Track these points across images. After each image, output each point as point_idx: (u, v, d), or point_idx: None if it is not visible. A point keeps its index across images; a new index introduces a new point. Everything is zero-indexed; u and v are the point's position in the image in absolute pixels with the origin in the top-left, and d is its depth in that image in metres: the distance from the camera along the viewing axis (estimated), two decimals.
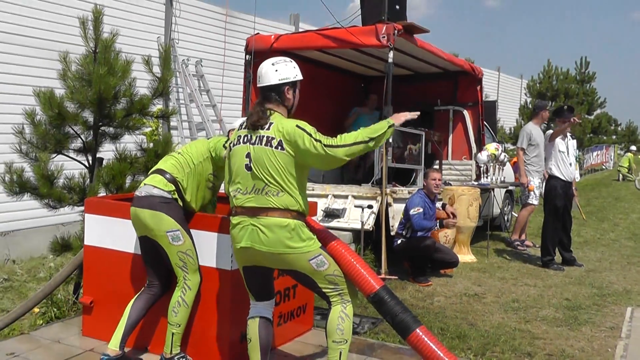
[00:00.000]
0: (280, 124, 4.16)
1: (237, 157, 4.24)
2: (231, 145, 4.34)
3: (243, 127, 4.31)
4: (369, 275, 4.35)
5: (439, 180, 8.63)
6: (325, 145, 4.08)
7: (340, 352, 4.28)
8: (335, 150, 4.08)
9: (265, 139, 4.13)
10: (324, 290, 4.30)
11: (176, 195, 4.76)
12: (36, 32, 9.39)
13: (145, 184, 4.77)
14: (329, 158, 4.10)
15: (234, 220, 4.25)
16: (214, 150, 4.90)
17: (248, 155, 4.18)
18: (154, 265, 4.85)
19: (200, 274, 4.79)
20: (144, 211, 4.66)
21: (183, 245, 4.68)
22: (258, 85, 4.34)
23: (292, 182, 4.14)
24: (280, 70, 4.30)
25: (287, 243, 4.11)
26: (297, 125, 4.12)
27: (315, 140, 4.08)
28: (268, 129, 4.16)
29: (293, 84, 4.35)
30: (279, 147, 4.10)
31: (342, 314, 4.30)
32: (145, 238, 4.78)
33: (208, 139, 5.09)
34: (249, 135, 4.22)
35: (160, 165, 4.91)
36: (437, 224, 8.52)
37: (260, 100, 4.32)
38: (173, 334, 4.71)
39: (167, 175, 4.77)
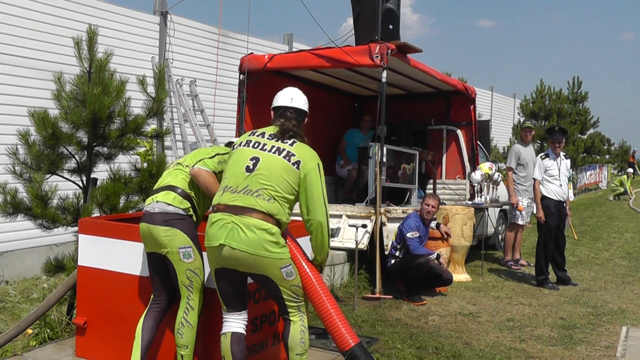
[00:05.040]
0: (304, 149, 4.43)
1: (240, 157, 4.37)
2: (235, 146, 4.50)
3: (257, 134, 4.49)
4: (345, 330, 4.38)
5: (433, 207, 8.58)
6: (324, 197, 4.40)
7: None
8: (324, 208, 4.40)
9: (285, 152, 4.33)
10: (286, 301, 4.41)
11: (191, 212, 4.74)
12: (30, 52, 9.39)
13: (157, 201, 4.70)
14: (314, 201, 4.36)
15: (214, 217, 4.28)
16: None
17: (254, 159, 4.32)
18: (160, 280, 4.79)
19: (204, 295, 4.74)
20: (158, 228, 4.61)
21: (193, 263, 4.64)
22: (289, 105, 4.62)
23: (287, 198, 4.29)
24: (306, 100, 4.74)
25: (265, 246, 4.17)
26: (318, 165, 4.41)
27: (322, 183, 4.40)
28: (291, 145, 4.38)
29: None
30: (295, 165, 4.30)
31: (302, 327, 4.46)
32: (154, 254, 4.74)
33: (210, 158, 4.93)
34: (260, 143, 4.40)
35: (170, 180, 4.83)
36: (435, 255, 8.48)
37: (288, 118, 4.54)
38: (182, 355, 4.66)
39: (180, 191, 4.73)
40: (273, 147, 4.36)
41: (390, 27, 9.16)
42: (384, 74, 8.54)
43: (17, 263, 9.12)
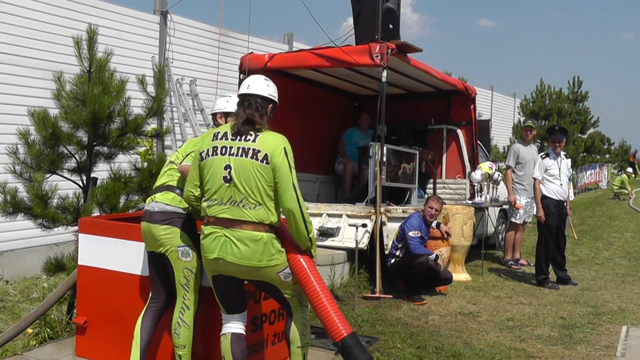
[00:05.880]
0: (268, 138, 4.20)
1: (214, 168, 4.22)
2: (203, 155, 4.30)
3: (220, 136, 4.28)
4: (338, 319, 4.29)
5: (436, 211, 8.62)
6: (293, 182, 4.18)
7: (304, 355, 4.46)
8: (294, 193, 4.16)
9: (251, 151, 4.15)
10: (286, 296, 4.41)
11: (191, 210, 4.72)
12: (30, 51, 9.39)
13: (157, 201, 4.70)
14: (282, 188, 4.16)
15: (206, 230, 4.24)
16: None
17: (227, 167, 4.17)
18: (159, 279, 4.79)
19: (200, 295, 4.73)
20: (157, 226, 4.61)
21: (191, 262, 4.63)
22: (245, 92, 4.36)
23: (270, 196, 4.18)
24: (270, 87, 4.42)
25: (259, 257, 4.14)
26: (284, 149, 4.18)
27: (290, 167, 4.18)
28: (254, 140, 4.18)
29: (275, 106, 4.46)
30: (264, 161, 4.13)
31: (303, 320, 4.47)
32: (154, 252, 4.74)
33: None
34: (227, 147, 4.21)
35: (167, 180, 4.83)
36: (435, 256, 8.47)
37: (245, 106, 4.30)
38: (180, 355, 4.65)
39: (178, 191, 4.72)
40: (239, 148, 4.17)
41: (390, 26, 9.16)
42: (384, 74, 8.54)
43: (17, 262, 9.12)
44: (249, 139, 4.18)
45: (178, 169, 4.76)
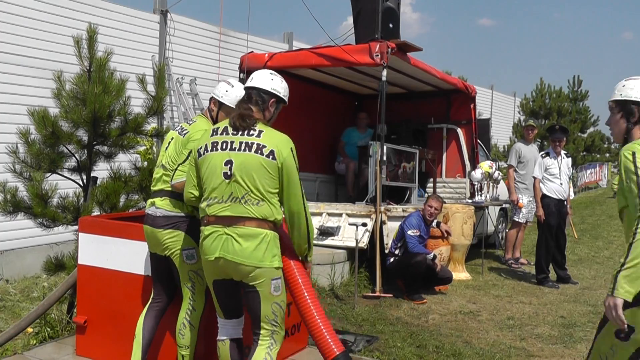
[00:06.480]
0: (274, 135, 4.08)
1: (213, 164, 4.07)
2: (201, 151, 4.17)
3: (218, 132, 4.14)
4: (330, 338, 4.20)
5: (436, 210, 8.62)
6: (300, 184, 4.11)
7: None
8: (301, 196, 4.10)
9: (255, 146, 4.00)
10: (262, 321, 4.10)
11: (195, 213, 4.59)
12: (30, 51, 9.39)
13: (158, 207, 4.63)
14: (291, 190, 4.07)
15: (206, 230, 4.08)
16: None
17: (228, 163, 4.02)
18: (162, 280, 4.77)
19: (207, 297, 4.68)
20: (161, 231, 4.56)
21: (196, 264, 4.55)
22: (246, 85, 4.29)
23: (272, 192, 4.03)
24: (275, 81, 4.28)
25: (261, 256, 3.97)
26: (292, 150, 4.06)
27: (297, 168, 4.09)
28: (258, 136, 4.04)
29: (279, 101, 4.30)
30: (270, 157, 3.97)
31: (267, 355, 4.10)
32: (157, 254, 4.70)
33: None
34: (228, 142, 4.06)
35: (165, 186, 4.69)
36: (432, 255, 8.47)
37: (244, 100, 4.23)
38: (183, 356, 4.63)
39: (177, 195, 4.64)
40: (241, 143, 4.01)
41: (390, 25, 9.17)
42: (384, 73, 8.54)
43: (17, 262, 9.12)
44: (253, 134, 4.05)
45: (170, 185, 4.64)
